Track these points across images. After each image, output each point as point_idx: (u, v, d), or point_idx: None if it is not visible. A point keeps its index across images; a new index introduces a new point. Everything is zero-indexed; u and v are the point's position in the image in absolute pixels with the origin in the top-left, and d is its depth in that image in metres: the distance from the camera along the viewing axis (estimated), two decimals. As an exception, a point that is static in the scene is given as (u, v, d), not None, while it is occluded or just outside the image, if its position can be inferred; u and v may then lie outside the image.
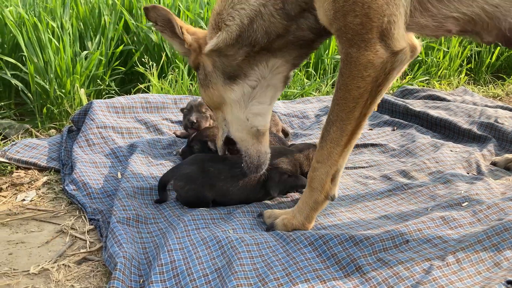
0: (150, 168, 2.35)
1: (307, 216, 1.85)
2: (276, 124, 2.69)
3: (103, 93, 3.46)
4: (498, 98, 4.21)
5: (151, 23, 1.80)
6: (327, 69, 4.23)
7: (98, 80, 3.45)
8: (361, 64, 1.56)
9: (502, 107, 3.48)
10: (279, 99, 3.47)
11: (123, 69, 3.68)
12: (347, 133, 1.69)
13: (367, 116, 1.71)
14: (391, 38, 1.55)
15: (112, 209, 1.96)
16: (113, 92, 3.46)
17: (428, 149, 2.74)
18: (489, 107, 3.48)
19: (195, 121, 2.54)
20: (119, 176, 2.31)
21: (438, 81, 4.67)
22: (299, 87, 3.70)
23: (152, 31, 3.88)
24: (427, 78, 4.55)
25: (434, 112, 3.17)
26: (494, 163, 2.56)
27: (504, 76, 4.82)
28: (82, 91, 3.14)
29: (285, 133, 2.81)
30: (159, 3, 4.30)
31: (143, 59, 3.54)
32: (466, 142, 2.88)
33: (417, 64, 4.61)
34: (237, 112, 1.92)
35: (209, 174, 2.04)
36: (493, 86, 4.56)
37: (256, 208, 2.02)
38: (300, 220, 1.85)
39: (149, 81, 3.40)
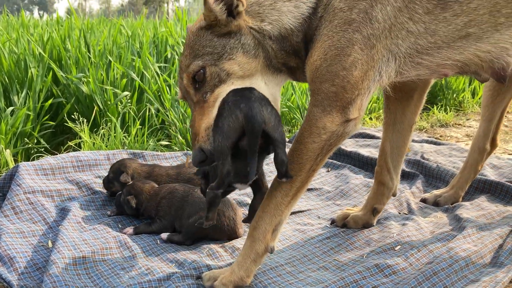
0: (83, 234, 2.26)
1: (247, 270, 1.83)
2: None
3: (31, 151, 3.31)
4: (424, 130, 4.47)
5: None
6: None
7: (26, 138, 3.30)
8: (319, 124, 1.74)
9: (427, 141, 3.70)
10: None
11: (53, 123, 3.55)
12: (296, 185, 1.79)
13: (316, 172, 1.83)
14: (351, 107, 1.75)
15: (41, 286, 1.85)
16: (42, 149, 3.32)
17: (361, 190, 2.84)
18: (415, 141, 3.68)
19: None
20: (50, 245, 2.20)
21: (368, 115, 4.89)
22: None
23: (83, 83, 3.80)
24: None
25: (364, 151, 3.31)
26: (423, 200, 2.69)
27: (429, 106, 5.13)
28: (7, 152, 2.99)
29: None
30: (88, 53, 4.24)
31: (72, 116, 3.42)
32: (396, 179, 3.01)
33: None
34: (267, 90, 1.86)
35: None
36: (419, 117, 4.84)
37: (196, 271, 1.98)
38: (239, 275, 1.83)
39: (81, 137, 3.30)
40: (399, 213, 2.56)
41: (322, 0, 1.77)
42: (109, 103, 3.69)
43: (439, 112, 4.90)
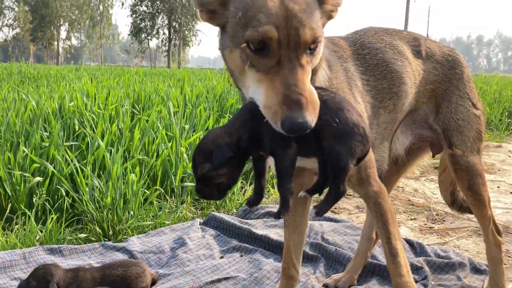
0: None
1: None
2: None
3: None
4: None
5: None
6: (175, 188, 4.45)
7: None
8: (381, 193, 2.08)
9: (324, 218, 4.16)
10: (133, 235, 3.57)
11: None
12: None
13: None
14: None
15: None
16: None
17: (272, 276, 3.14)
18: (315, 220, 4.12)
19: None
20: None
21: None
22: (151, 217, 3.83)
23: (-11, 168, 3.66)
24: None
25: (273, 234, 3.64)
26: (326, 285, 3.07)
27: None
28: None
29: (154, 282, 2.90)
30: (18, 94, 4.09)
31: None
32: (302, 263, 3.37)
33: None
34: None
35: None
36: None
37: None
38: None
39: (-9, 235, 3.18)
40: (307, 300, 2.89)
41: None
42: (17, 188, 3.59)
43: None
